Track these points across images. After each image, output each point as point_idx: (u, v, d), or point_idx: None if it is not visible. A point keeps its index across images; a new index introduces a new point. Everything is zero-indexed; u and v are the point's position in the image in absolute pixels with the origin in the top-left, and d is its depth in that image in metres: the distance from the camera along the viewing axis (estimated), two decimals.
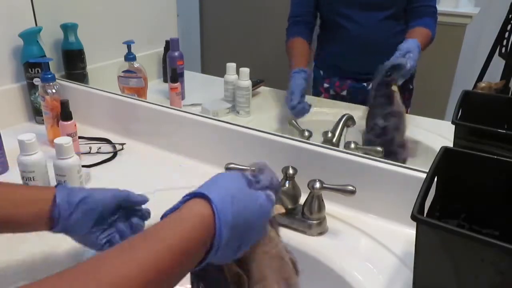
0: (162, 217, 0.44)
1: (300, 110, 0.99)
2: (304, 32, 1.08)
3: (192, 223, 0.41)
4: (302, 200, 0.77)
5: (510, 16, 0.85)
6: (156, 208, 0.58)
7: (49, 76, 1.04)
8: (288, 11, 1.11)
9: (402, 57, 0.90)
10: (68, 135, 0.93)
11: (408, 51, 0.90)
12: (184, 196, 0.45)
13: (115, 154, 1.04)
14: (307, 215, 0.75)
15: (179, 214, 0.42)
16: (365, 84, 1.05)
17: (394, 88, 0.90)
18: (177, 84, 1.15)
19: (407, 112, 1.07)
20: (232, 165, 0.79)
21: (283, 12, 1.11)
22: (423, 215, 0.54)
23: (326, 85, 1.11)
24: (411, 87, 1.06)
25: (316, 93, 1.13)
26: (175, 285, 0.40)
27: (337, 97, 1.09)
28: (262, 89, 1.23)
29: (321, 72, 1.10)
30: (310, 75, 1.05)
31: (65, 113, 0.96)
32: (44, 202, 0.55)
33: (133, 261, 0.36)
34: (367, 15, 1.00)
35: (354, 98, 1.06)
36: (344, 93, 1.07)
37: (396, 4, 1.01)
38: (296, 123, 0.99)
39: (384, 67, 0.89)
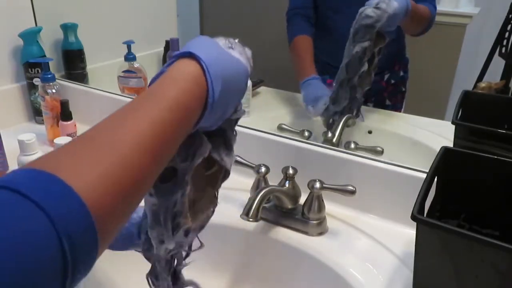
0: (150, 83, 0.43)
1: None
2: (305, 27, 1.06)
3: (184, 79, 0.40)
4: (302, 200, 0.77)
5: (510, 16, 0.85)
6: None
7: (49, 76, 1.04)
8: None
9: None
10: (68, 135, 0.93)
11: None
12: (171, 59, 0.44)
13: None
14: (307, 215, 0.75)
15: (170, 74, 0.41)
16: None
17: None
18: None
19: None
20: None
21: (283, 12, 1.10)
22: (423, 215, 0.54)
23: None
24: (403, 89, 1.05)
25: None
26: (177, 145, 0.40)
27: None
28: (262, 89, 1.22)
29: None
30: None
31: (65, 113, 0.96)
32: None
33: (143, 119, 0.36)
34: (356, 8, 0.98)
35: None
36: None
37: None
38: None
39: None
